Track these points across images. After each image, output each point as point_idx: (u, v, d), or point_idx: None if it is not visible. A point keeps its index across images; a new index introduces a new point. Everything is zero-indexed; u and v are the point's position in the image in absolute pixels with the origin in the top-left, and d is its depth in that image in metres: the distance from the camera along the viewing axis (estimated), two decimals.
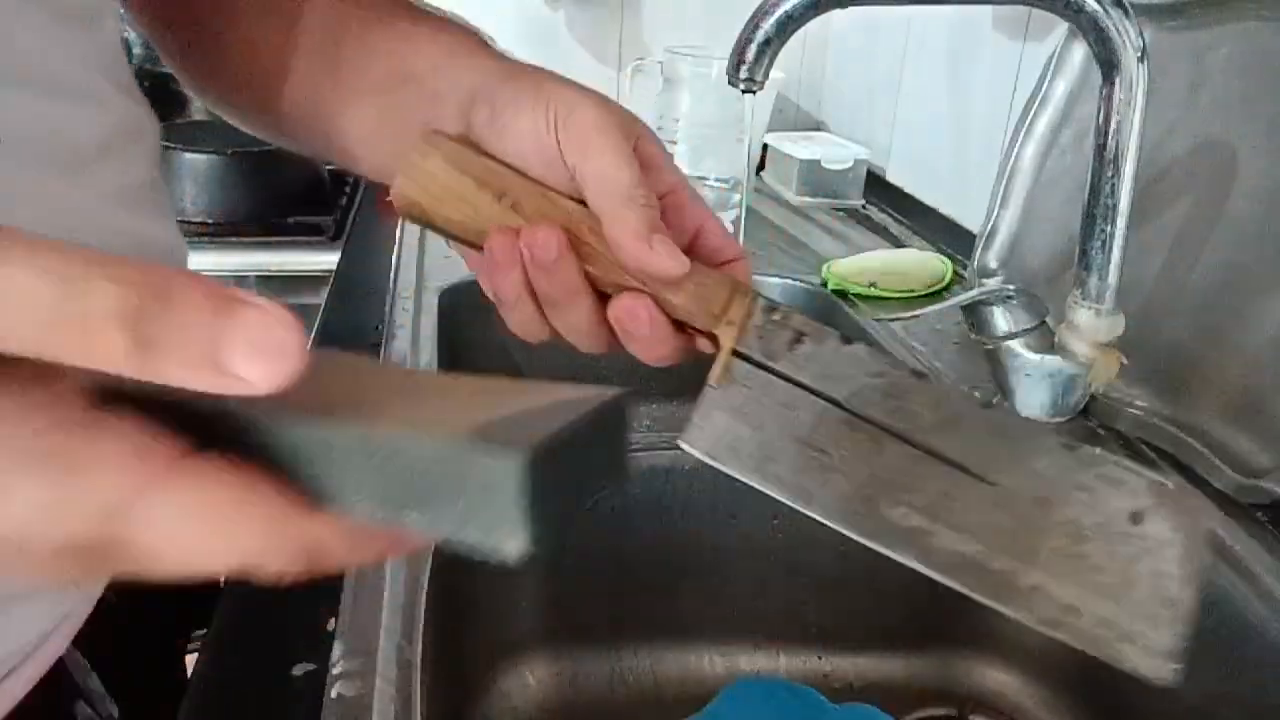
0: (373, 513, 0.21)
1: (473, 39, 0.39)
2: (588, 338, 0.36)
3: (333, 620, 0.46)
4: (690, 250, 0.35)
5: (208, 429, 0.21)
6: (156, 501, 0.19)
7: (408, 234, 1.03)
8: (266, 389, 0.19)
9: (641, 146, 0.35)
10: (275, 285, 1.15)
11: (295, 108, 0.42)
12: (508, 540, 0.20)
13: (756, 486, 0.31)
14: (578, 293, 0.34)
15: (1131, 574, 0.30)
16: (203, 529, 0.20)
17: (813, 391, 0.33)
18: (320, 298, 0.91)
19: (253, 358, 0.18)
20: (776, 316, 0.34)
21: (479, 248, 0.35)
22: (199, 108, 1.26)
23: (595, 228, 0.34)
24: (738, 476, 0.32)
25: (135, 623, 0.53)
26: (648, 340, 0.34)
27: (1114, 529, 0.31)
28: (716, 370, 0.34)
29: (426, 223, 0.35)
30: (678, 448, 0.66)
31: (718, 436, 0.33)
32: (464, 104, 0.37)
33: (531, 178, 0.35)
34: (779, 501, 0.70)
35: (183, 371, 0.18)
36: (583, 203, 0.35)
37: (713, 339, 0.34)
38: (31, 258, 0.17)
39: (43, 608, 0.41)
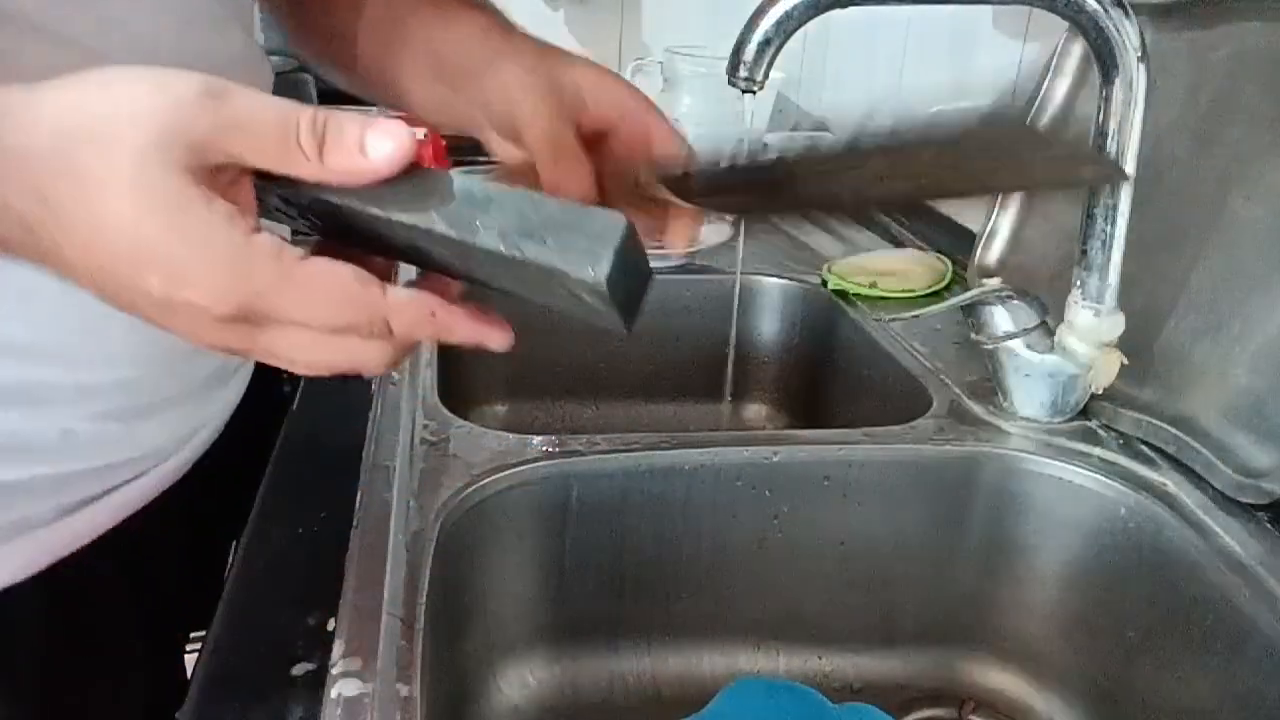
0: (498, 241, 0.30)
1: (501, 24, 0.51)
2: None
3: (333, 620, 0.46)
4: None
5: (335, 224, 0.32)
6: (292, 284, 0.29)
7: None
8: (389, 170, 0.29)
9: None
10: None
11: (364, 66, 0.53)
12: (597, 268, 0.29)
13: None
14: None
15: None
16: (319, 300, 0.30)
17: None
18: None
19: (383, 140, 0.29)
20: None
21: None
22: None
23: None
24: None
25: (136, 623, 0.53)
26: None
27: None
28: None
29: None
30: (677, 448, 0.66)
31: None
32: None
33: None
34: (779, 501, 0.70)
35: (344, 159, 0.29)
36: None
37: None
38: (260, 99, 0.28)
39: (184, 414, 0.53)
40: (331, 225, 0.33)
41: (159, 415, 0.51)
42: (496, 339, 0.34)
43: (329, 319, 0.30)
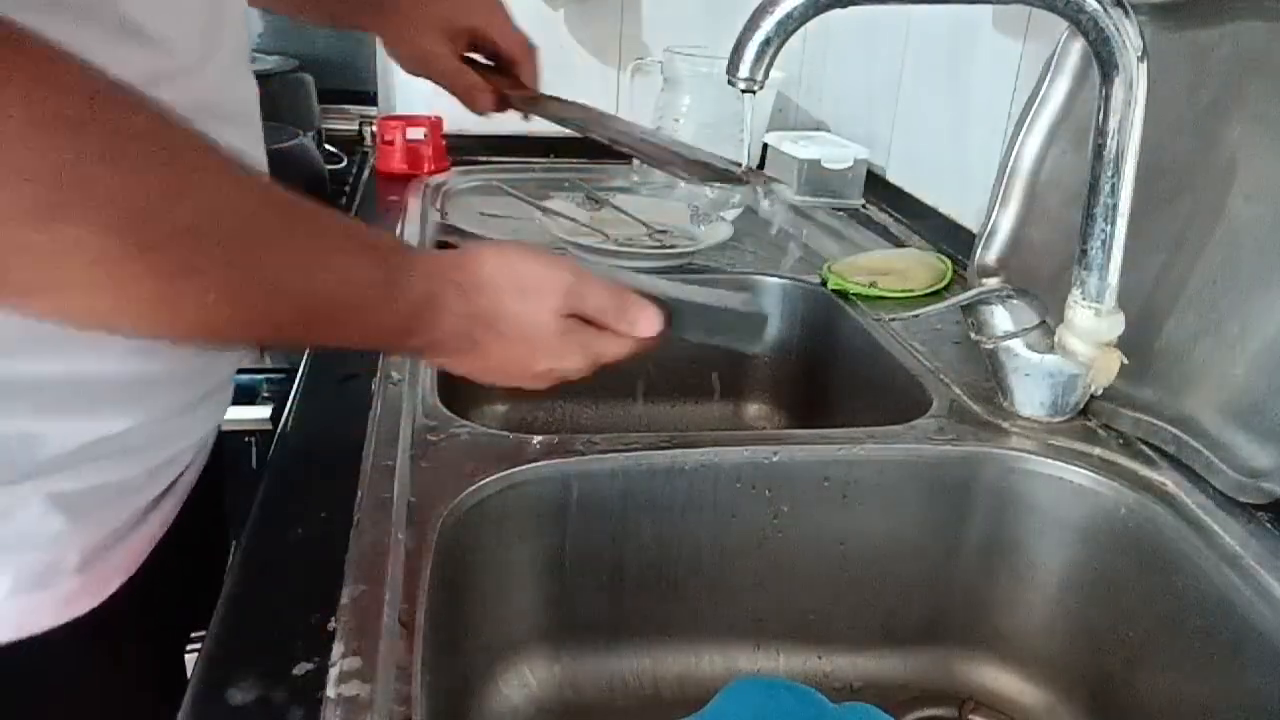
0: (700, 337, 0.57)
1: None
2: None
3: (333, 620, 0.46)
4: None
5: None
6: (577, 342, 0.52)
7: (407, 233, 1.03)
8: (646, 338, 0.53)
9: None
10: None
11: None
12: (756, 344, 0.75)
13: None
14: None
15: None
16: (587, 342, 0.52)
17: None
18: None
19: (644, 327, 0.53)
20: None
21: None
22: None
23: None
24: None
25: (135, 623, 0.53)
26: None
27: None
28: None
29: None
30: (677, 448, 0.66)
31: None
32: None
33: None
34: (779, 501, 0.70)
35: (628, 328, 0.52)
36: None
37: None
38: (599, 281, 0.52)
39: (211, 407, 0.57)
40: None
41: (202, 406, 0.55)
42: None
43: (590, 352, 0.53)
